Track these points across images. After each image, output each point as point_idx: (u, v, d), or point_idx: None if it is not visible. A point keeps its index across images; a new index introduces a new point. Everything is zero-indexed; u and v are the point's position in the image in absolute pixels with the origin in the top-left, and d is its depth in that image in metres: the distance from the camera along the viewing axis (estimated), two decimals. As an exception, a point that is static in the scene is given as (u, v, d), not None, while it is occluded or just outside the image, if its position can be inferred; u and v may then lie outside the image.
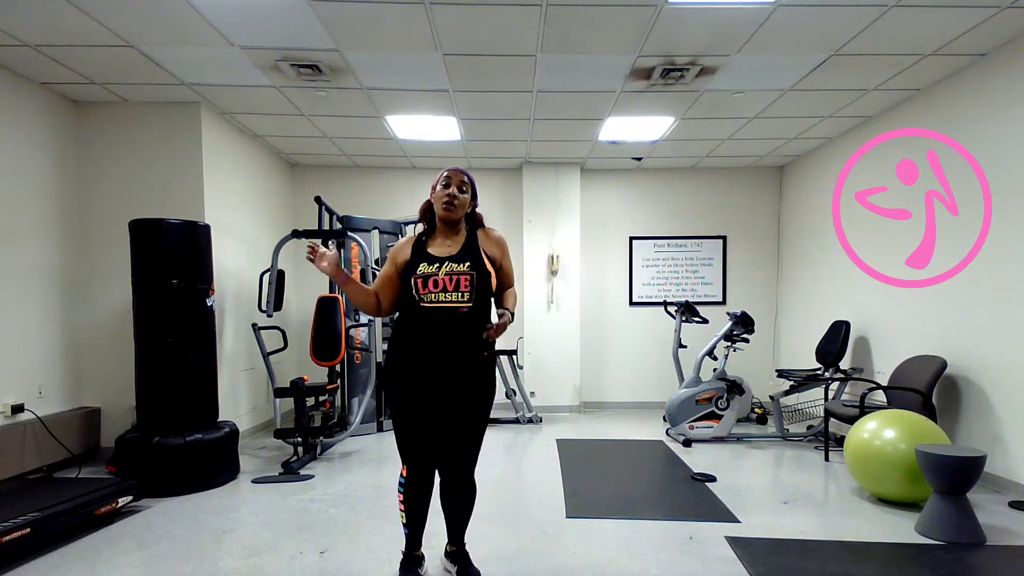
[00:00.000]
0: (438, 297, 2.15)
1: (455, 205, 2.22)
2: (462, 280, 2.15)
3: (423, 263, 2.20)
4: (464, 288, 2.15)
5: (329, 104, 4.43)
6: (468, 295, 2.15)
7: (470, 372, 2.22)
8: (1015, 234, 3.42)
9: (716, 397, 4.84)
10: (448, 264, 2.18)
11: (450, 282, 2.15)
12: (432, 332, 2.17)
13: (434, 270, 2.17)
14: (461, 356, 2.19)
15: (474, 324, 2.19)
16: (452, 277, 2.15)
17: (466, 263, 2.18)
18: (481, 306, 2.21)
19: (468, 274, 2.16)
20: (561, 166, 6.22)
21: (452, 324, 2.16)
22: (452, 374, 2.19)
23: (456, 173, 2.27)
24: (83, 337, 4.32)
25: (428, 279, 2.16)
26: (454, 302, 2.15)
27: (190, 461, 3.58)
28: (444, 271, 2.16)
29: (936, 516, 2.86)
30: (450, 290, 2.14)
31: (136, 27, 3.23)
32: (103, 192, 4.36)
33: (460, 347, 2.18)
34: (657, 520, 3.08)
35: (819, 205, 5.59)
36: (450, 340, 2.17)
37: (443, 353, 2.18)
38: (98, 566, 2.58)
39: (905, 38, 3.39)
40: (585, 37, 3.38)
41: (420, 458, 2.26)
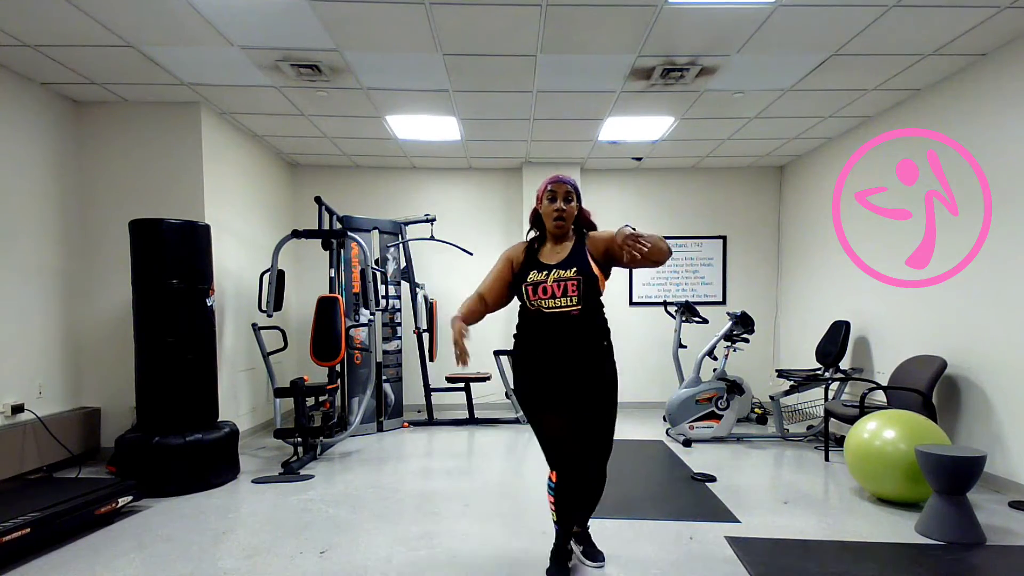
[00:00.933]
0: (549, 303, 2.26)
1: (564, 219, 2.32)
2: (569, 285, 2.24)
3: (533, 271, 2.31)
4: (572, 293, 2.24)
5: (329, 104, 4.43)
6: (576, 299, 2.24)
7: (592, 370, 2.31)
8: (1015, 234, 3.42)
9: (716, 397, 4.84)
10: (556, 271, 2.27)
11: (559, 288, 2.25)
12: (549, 336, 2.29)
13: (543, 277, 2.28)
14: (580, 356, 2.29)
15: (586, 325, 2.29)
16: (560, 284, 2.25)
17: (572, 268, 2.26)
18: (592, 307, 2.29)
19: (575, 279, 2.24)
20: (561, 166, 6.21)
21: (566, 327, 2.27)
22: (576, 375, 2.29)
23: (560, 185, 2.32)
24: (83, 337, 4.32)
25: (538, 286, 2.27)
26: (565, 307, 2.25)
27: (190, 461, 3.58)
28: (552, 278, 2.26)
29: (936, 516, 2.86)
30: (559, 296, 2.25)
31: (136, 27, 3.23)
32: (103, 192, 4.36)
33: (577, 348, 2.28)
34: (657, 520, 3.08)
35: (819, 205, 5.59)
36: (567, 343, 2.28)
37: (563, 356, 2.28)
38: (98, 566, 2.58)
39: (905, 38, 3.39)
40: (585, 37, 3.38)
41: (569, 462, 2.31)
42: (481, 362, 6.32)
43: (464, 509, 3.27)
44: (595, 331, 2.32)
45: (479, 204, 6.46)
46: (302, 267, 6.23)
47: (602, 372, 2.33)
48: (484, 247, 6.40)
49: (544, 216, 2.36)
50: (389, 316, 5.55)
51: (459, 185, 6.45)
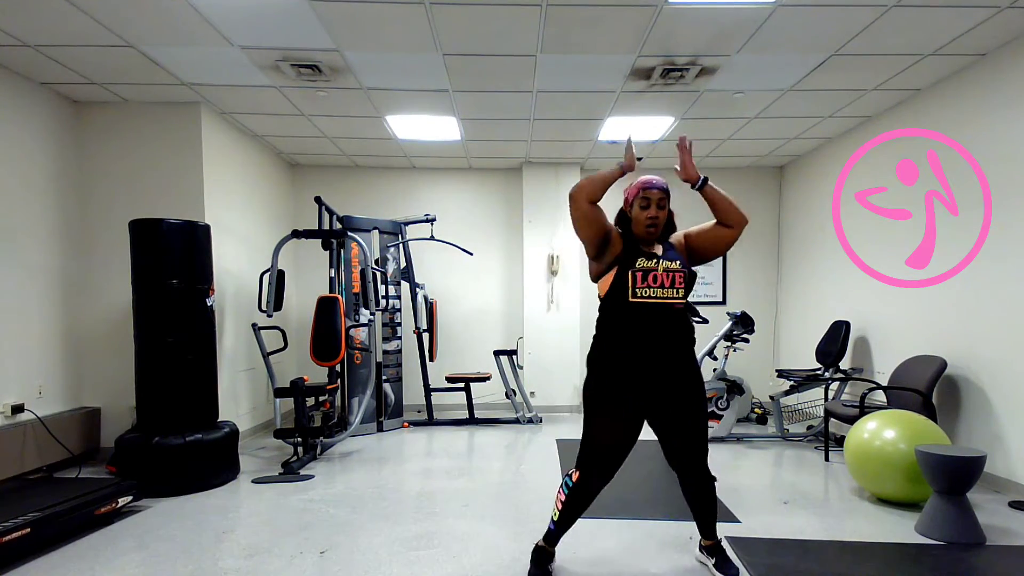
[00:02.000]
0: (655, 292, 2.21)
1: (657, 226, 2.28)
2: (677, 277, 2.22)
3: (641, 257, 2.23)
4: (679, 285, 2.22)
5: (329, 104, 4.43)
6: (682, 292, 2.23)
7: (686, 366, 2.28)
8: (1015, 234, 3.42)
9: (716, 397, 4.84)
10: (664, 261, 2.24)
11: (667, 278, 2.21)
12: (650, 329, 2.22)
13: (653, 265, 2.22)
14: (676, 350, 2.25)
15: (686, 320, 2.28)
16: (669, 274, 2.22)
17: (677, 261, 2.25)
18: (687, 304, 2.28)
19: (681, 271, 2.23)
20: (561, 166, 6.21)
21: (668, 319, 2.23)
22: (670, 371, 2.25)
23: (655, 191, 2.26)
24: (83, 337, 4.32)
25: (648, 274, 2.21)
26: (670, 298, 2.22)
27: (190, 461, 3.58)
28: (663, 267, 2.22)
29: (936, 516, 2.86)
30: (667, 286, 2.21)
31: (136, 27, 3.23)
32: (103, 192, 4.36)
33: (675, 342, 2.25)
34: (657, 520, 3.08)
35: (819, 205, 5.59)
36: (666, 335, 2.23)
37: (659, 349, 2.23)
38: (98, 566, 2.58)
39: (905, 38, 3.39)
40: (585, 37, 3.38)
41: (606, 469, 2.28)
42: (481, 362, 6.33)
43: (464, 509, 3.27)
44: (688, 326, 2.30)
45: (479, 204, 6.46)
46: (302, 267, 6.23)
47: (694, 368, 2.31)
48: (484, 247, 6.41)
49: (635, 222, 2.30)
50: (389, 316, 5.55)
51: (459, 185, 6.45)
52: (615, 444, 2.26)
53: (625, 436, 2.26)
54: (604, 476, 2.29)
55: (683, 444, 2.29)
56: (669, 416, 2.27)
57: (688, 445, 2.29)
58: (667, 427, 2.29)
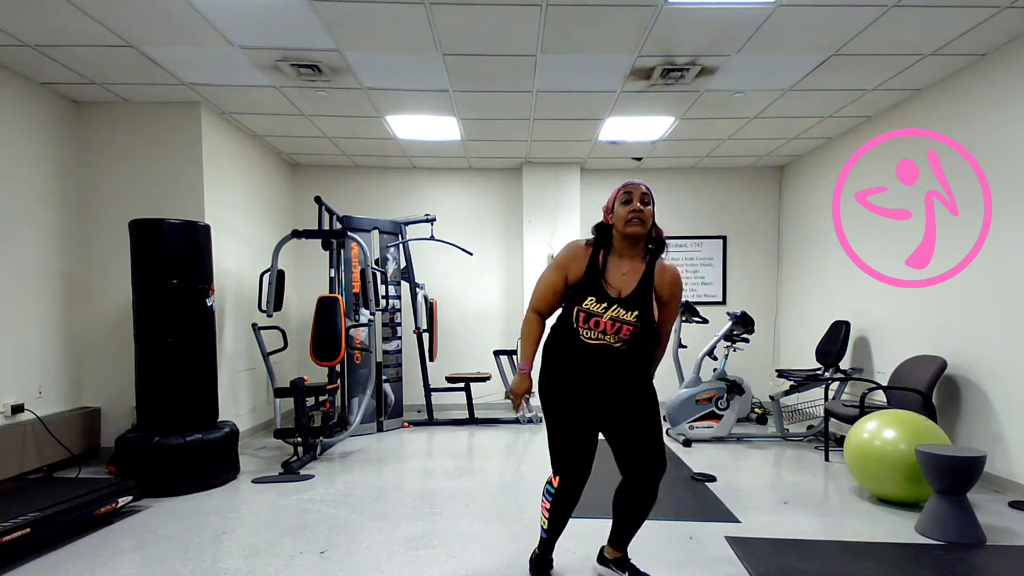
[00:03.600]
0: (596, 335, 2.13)
1: (642, 219, 2.13)
2: (624, 329, 2.10)
3: (592, 297, 2.13)
4: (624, 336, 2.11)
5: (329, 104, 4.43)
6: (626, 343, 2.12)
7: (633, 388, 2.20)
8: (1015, 234, 3.42)
9: (716, 397, 4.84)
10: (616, 308, 2.11)
11: (611, 327, 2.11)
12: (588, 362, 2.16)
13: (600, 310, 2.11)
14: (620, 380, 2.18)
15: (628, 359, 2.16)
16: (615, 323, 2.10)
17: (634, 312, 2.10)
18: (640, 345, 2.16)
19: (632, 325, 2.10)
20: (561, 166, 6.21)
21: (608, 359, 2.14)
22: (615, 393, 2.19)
23: (635, 187, 2.17)
24: (83, 337, 4.32)
25: (591, 318, 2.12)
26: (611, 343, 2.13)
27: (190, 461, 3.58)
28: (609, 315, 2.10)
29: (936, 516, 2.86)
30: (609, 333, 2.11)
31: (136, 27, 3.23)
32: (103, 192, 4.36)
33: (616, 378, 2.17)
34: (657, 520, 3.08)
35: (819, 205, 5.59)
36: (605, 372, 2.16)
37: (599, 381, 2.17)
38: (98, 566, 2.58)
39: (905, 38, 3.39)
40: (585, 37, 3.38)
41: (578, 467, 2.23)
42: (481, 362, 6.33)
43: (464, 509, 3.27)
44: (638, 360, 2.19)
45: (479, 204, 6.46)
46: (302, 267, 6.23)
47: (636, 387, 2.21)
48: (484, 247, 6.41)
49: (618, 221, 2.16)
50: (389, 316, 5.55)
51: (459, 185, 6.45)
52: (578, 443, 2.21)
53: (584, 436, 2.21)
54: (579, 474, 2.24)
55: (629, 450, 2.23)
56: (619, 430, 2.22)
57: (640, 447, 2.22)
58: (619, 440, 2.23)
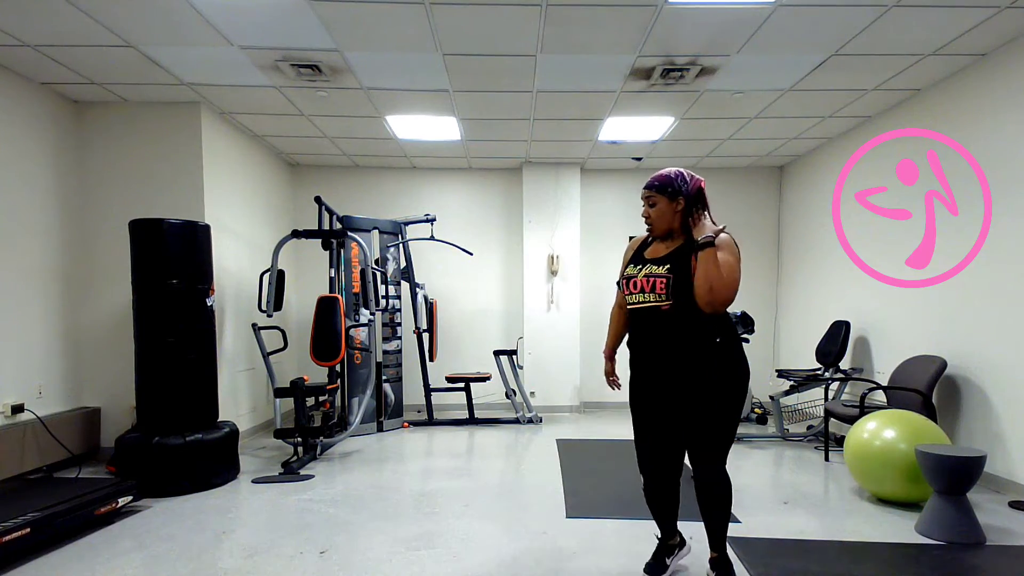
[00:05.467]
0: (639, 298, 2.24)
1: (652, 224, 2.29)
2: (658, 283, 2.19)
3: (631, 265, 2.31)
4: (660, 291, 2.18)
5: (329, 104, 4.43)
6: (664, 296, 2.17)
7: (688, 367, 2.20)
8: (1015, 234, 3.42)
9: (716, 397, 4.83)
10: (649, 266, 2.23)
11: (647, 283, 2.21)
12: (641, 332, 2.28)
13: (635, 271, 2.26)
14: (672, 353, 2.22)
15: (680, 322, 2.19)
16: (649, 279, 2.21)
17: (665, 266, 2.20)
18: (686, 305, 2.16)
19: (664, 277, 2.18)
20: (561, 166, 6.21)
21: (655, 323, 2.22)
22: (666, 372, 2.24)
23: (644, 191, 2.28)
24: (83, 337, 4.32)
25: (630, 280, 2.26)
26: (653, 303, 2.20)
27: (190, 461, 3.58)
28: (643, 273, 2.23)
29: (936, 516, 2.86)
30: (647, 291, 2.21)
31: (136, 27, 3.23)
32: (103, 192, 4.36)
33: (667, 344, 2.22)
34: (657, 520, 3.08)
35: (819, 205, 5.59)
36: (656, 338, 2.24)
37: (653, 352, 2.26)
38: (98, 566, 2.58)
39: (905, 38, 3.39)
40: (585, 37, 3.38)
41: (644, 463, 2.37)
42: (481, 362, 6.33)
43: (464, 509, 3.27)
44: (691, 327, 2.17)
45: (479, 204, 6.46)
46: (302, 267, 6.23)
47: (703, 368, 2.18)
48: (484, 247, 6.41)
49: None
50: (389, 316, 5.55)
51: (459, 185, 6.45)
52: (640, 437, 2.37)
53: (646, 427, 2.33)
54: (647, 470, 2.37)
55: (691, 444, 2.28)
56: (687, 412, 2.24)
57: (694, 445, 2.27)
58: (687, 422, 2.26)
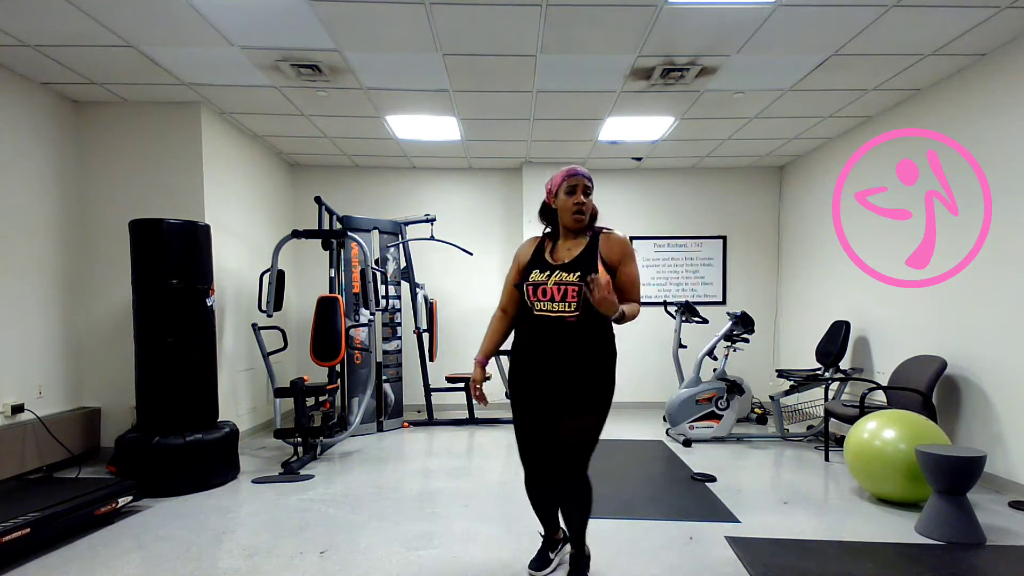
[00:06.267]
0: (547, 306, 2.17)
1: (584, 212, 2.21)
2: (569, 291, 2.14)
3: (536, 269, 2.22)
4: (571, 299, 2.13)
5: (329, 104, 4.43)
6: (575, 305, 2.13)
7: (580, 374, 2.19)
8: (1015, 234, 3.42)
9: (716, 397, 4.84)
10: (559, 273, 2.17)
11: (558, 292, 2.15)
12: (543, 339, 2.20)
13: (544, 278, 2.18)
14: (571, 362, 2.18)
15: (584, 333, 2.17)
16: (560, 287, 2.15)
17: (576, 273, 2.14)
18: (591, 316, 2.15)
19: (576, 285, 2.13)
20: (561, 166, 6.15)
21: (561, 332, 2.17)
22: (562, 378, 2.19)
23: (580, 178, 2.23)
24: (83, 337, 4.32)
25: (538, 287, 2.18)
26: (561, 312, 2.15)
27: (190, 461, 3.58)
28: (553, 280, 2.16)
29: (936, 516, 2.86)
30: (558, 299, 2.15)
31: (136, 27, 3.23)
32: (103, 192, 4.36)
33: (570, 354, 2.18)
34: (657, 520, 3.08)
35: (819, 205, 5.59)
36: (560, 348, 2.18)
37: (553, 360, 2.19)
38: (98, 566, 2.58)
39: (905, 38, 3.39)
40: (585, 37, 3.38)
41: (526, 460, 2.35)
42: (481, 362, 6.32)
43: (464, 509, 3.27)
44: (592, 338, 2.18)
45: (479, 204, 6.46)
46: (302, 267, 6.23)
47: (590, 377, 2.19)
48: (484, 247, 6.41)
49: (561, 211, 2.25)
50: (389, 316, 5.55)
51: (459, 185, 6.45)
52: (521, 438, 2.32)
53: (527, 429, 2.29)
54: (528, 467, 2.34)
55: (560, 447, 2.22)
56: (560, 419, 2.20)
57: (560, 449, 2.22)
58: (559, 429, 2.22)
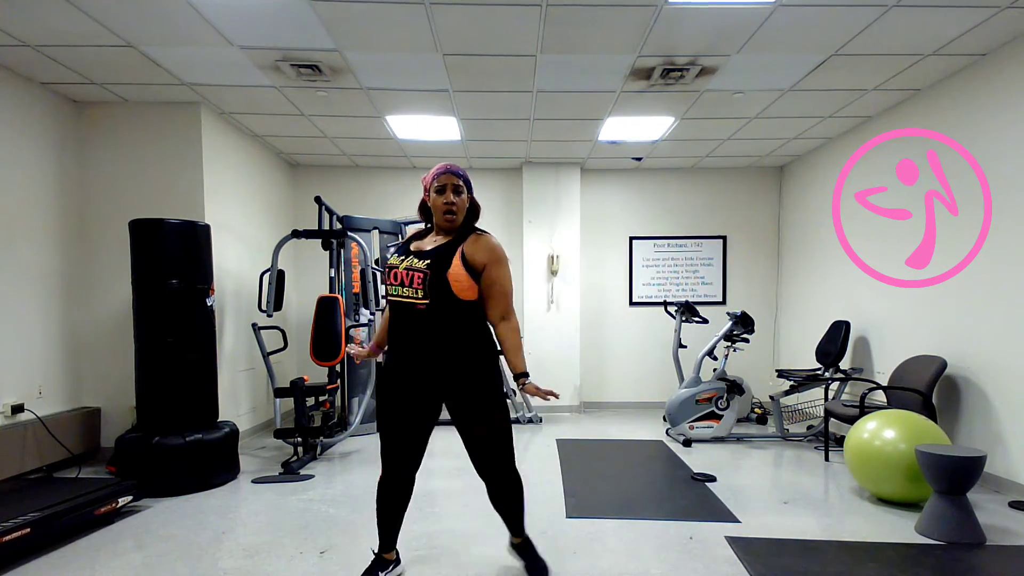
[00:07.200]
0: (397, 291, 2.18)
1: (455, 212, 2.20)
2: (416, 276, 2.14)
3: (397, 254, 2.25)
4: (417, 285, 2.13)
5: (329, 104, 4.43)
6: (422, 292, 2.13)
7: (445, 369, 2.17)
8: (1015, 234, 3.42)
9: (716, 397, 4.84)
10: (411, 259, 2.18)
11: (407, 277, 2.16)
12: (398, 326, 2.22)
13: (398, 262, 2.20)
14: (427, 353, 2.17)
15: (438, 322, 2.15)
16: (409, 272, 2.16)
17: (426, 261, 2.15)
18: (441, 306, 2.13)
19: (422, 272, 2.13)
20: (561, 166, 6.21)
21: (411, 319, 2.17)
22: (426, 372, 2.18)
23: (450, 176, 2.20)
24: (83, 337, 4.32)
25: (391, 271, 2.20)
26: (409, 298, 2.15)
27: (190, 461, 3.58)
28: (404, 265, 2.18)
29: (936, 516, 2.86)
30: (406, 284, 2.16)
31: (136, 27, 3.23)
32: (103, 192, 4.36)
33: (428, 346, 2.16)
34: (657, 520, 3.08)
35: (819, 205, 5.59)
36: (411, 335, 2.18)
37: (410, 350, 2.19)
38: (98, 566, 2.58)
39: (905, 38, 3.39)
40: (585, 37, 3.38)
41: (388, 460, 2.26)
42: (481, 362, 6.32)
43: (464, 509, 3.28)
44: (445, 330, 2.15)
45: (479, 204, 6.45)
46: (302, 267, 6.23)
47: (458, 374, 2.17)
48: (484, 247, 6.39)
49: (433, 209, 2.22)
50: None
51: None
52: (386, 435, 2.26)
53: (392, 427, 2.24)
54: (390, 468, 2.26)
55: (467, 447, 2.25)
56: (453, 420, 2.22)
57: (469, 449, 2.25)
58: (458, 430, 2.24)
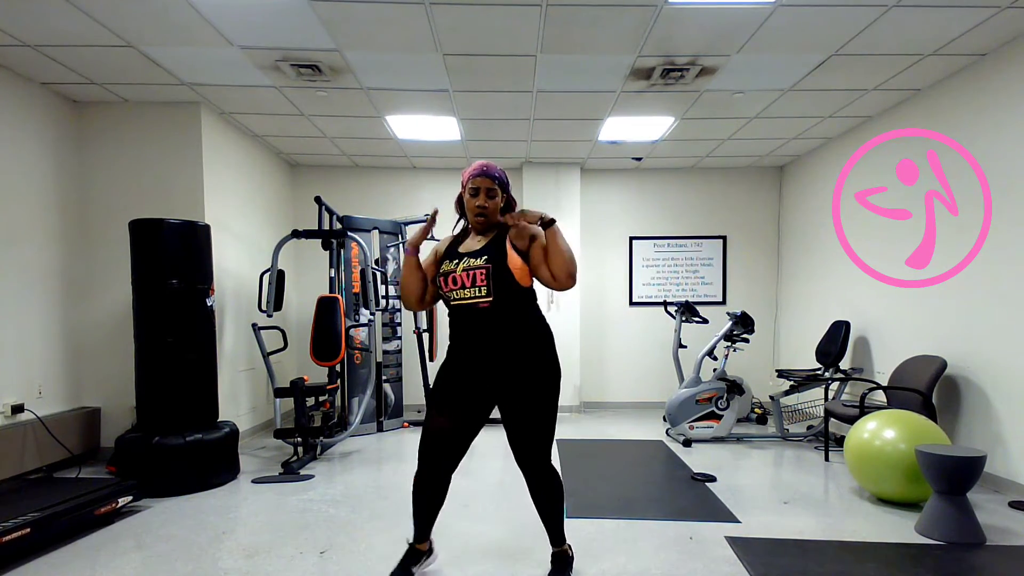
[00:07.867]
0: (460, 294, 2.17)
1: (487, 215, 2.22)
2: (478, 275, 2.14)
3: (447, 260, 2.24)
4: (480, 283, 2.13)
5: (329, 104, 4.43)
6: (486, 289, 2.13)
7: (507, 364, 2.18)
8: (1015, 234, 3.42)
9: (716, 397, 4.84)
10: (467, 259, 2.18)
11: (467, 278, 2.15)
12: (461, 329, 2.22)
13: (453, 267, 2.19)
14: (492, 351, 2.18)
15: (499, 318, 2.16)
16: (469, 272, 2.15)
17: (483, 257, 2.15)
18: (506, 300, 2.15)
19: (483, 268, 2.13)
20: (561, 166, 6.21)
21: (477, 320, 2.17)
22: (487, 371, 2.19)
23: (483, 179, 2.20)
24: (83, 337, 4.32)
25: (448, 276, 2.19)
26: (474, 298, 2.15)
27: (190, 461, 3.58)
28: (462, 267, 2.17)
29: (936, 516, 2.86)
30: (468, 286, 2.15)
31: (136, 27, 3.23)
32: (103, 192, 4.36)
33: (489, 342, 2.17)
34: (657, 520, 3.08)
35: (819, 205, 5.59)
36: (476, 335, 2.18)
37: (479, 350, 2.19)
38: (98, 566, 2.58)
39: (905, 38, 3.39)
40: (585, 37, 3.38)
41: (425, 455, 2.26)
42: (481, 362, 6.32)
43: (464, 509, 3.28)
44: (511, 324, 2.17)
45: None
46: (302, 267, 6.23)
47: (524, 364, 2.18)
48: (484, 247, 6.40)
49: (467, 210, 2.26)
50: (389, 316, 5.55)
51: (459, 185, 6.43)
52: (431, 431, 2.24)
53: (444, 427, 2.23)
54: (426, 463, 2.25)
55: (514, 440, 2.25)
56: (505, 412, 2.23)
57: (517, 442, 2.25)
58: (506, 423, 2.24)
